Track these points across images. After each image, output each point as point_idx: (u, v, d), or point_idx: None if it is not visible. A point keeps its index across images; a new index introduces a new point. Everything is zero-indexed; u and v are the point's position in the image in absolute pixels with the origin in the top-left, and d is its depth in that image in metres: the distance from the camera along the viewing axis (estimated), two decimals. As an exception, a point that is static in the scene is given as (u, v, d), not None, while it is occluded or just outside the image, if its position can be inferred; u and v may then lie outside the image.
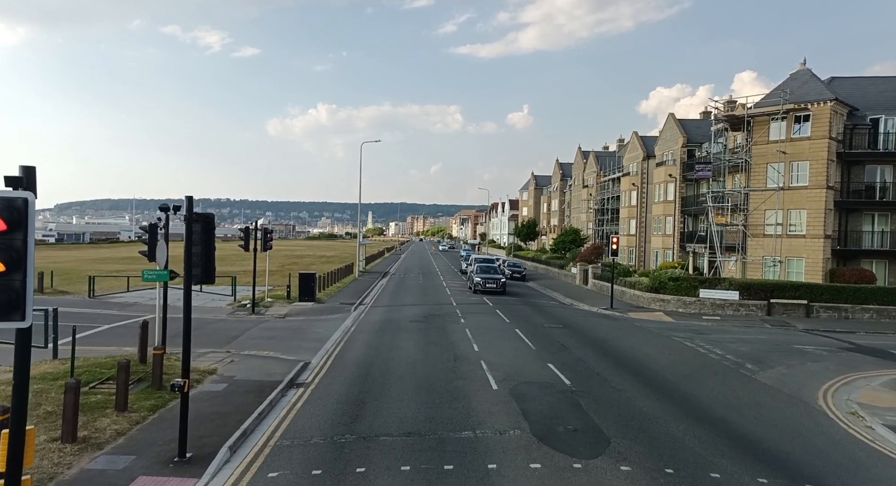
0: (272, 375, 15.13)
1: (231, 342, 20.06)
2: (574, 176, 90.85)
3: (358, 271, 52.07)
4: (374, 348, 19.41)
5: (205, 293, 31.76)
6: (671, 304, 31.38)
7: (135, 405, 11.69)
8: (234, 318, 26.10)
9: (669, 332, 24.13)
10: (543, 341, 20.71)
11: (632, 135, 63.68)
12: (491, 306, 31.65)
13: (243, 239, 27.34)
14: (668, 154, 53.73)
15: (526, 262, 68.92)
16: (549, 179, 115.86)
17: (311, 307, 29.66)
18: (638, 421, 11.87)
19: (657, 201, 54.49)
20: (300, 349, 19.20)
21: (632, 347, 20.39)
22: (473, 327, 23.75)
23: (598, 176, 77.21)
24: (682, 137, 50.69)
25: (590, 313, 31.11)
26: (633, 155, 63.25)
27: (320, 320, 25.98)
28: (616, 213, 68.98)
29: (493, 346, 19.69)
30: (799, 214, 35.97)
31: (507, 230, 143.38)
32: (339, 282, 44.13)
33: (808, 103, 35.12)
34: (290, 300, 31.25)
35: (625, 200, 63.78)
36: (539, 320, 26.16)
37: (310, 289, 31.18)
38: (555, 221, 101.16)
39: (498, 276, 39.33)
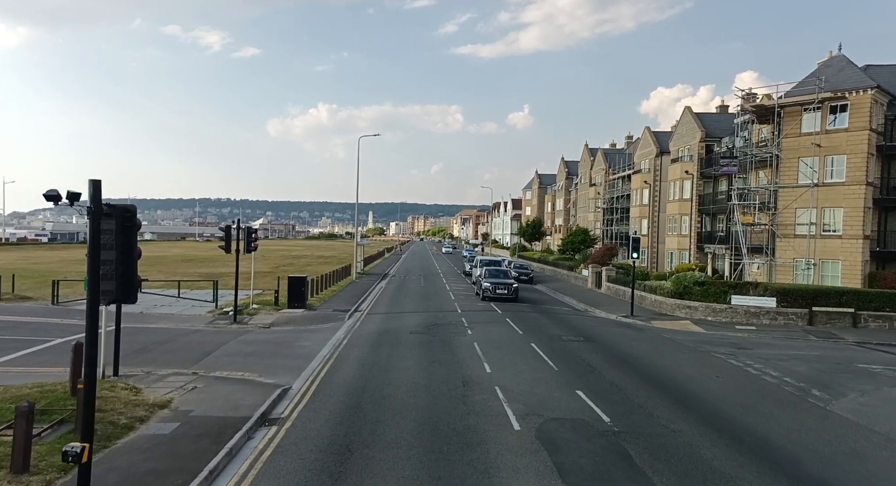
0: (240, 408, 12.21)
1: (201, 360, 17.15)
2: (580, 174, 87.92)
3: (355, 273, 49.19)
4: (367, 367, 16.49)
5: (184, 300, 28.83)
6: (699, 311, 28.42)
7: (41, 464, 8.73)
8: (211, 328, 23.18)
9: (705, 346, 21.18)
10: (566, 360, 17.77)
11: (644, 130, 60.76)
12: (500, 313, 28.72)
13: (223, 239, 24.36)
14: (683, 150, 50.78)
15: (532, 263, 65.98)
16: (554, 178, 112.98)
17: (301, 315, 26.74)
18: (714, 485, 8.94)
19: (672, 200, 51.55)
20: (281, 369, 16.30)
21: (669, 367, 17.45)
22: (482, 340, 20.82)
23: (607, 174, 74.26)
24: (699, 132, 47.73)
25: (609, 321, 28.17)
26: (644, 151, 60.31)
27: (309, 331, 23.07)
28: (626, 212, 66.05)
29: (508, 366, 16.77)
30: (834, 213, 33.03)
31: (510, 230, 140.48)
32: (335, 285, 41.21)
33: (845, 91, 32.17)
34: (278, 307, 28.34)
35: (636, 199, 60.85)
36: (555, 332, 23.21)
37: (300, 294, 28.27)
38: (559, 221, 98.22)
39: (509, 281, 35.32)
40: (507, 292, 33.59)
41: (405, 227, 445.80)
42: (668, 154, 55.72)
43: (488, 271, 36.70)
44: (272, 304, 28.74)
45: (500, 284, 34.07)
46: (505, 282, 34.60)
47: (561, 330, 23.77)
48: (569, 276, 51.09)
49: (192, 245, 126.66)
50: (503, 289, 33.78)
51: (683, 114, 50.83)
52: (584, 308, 33.29)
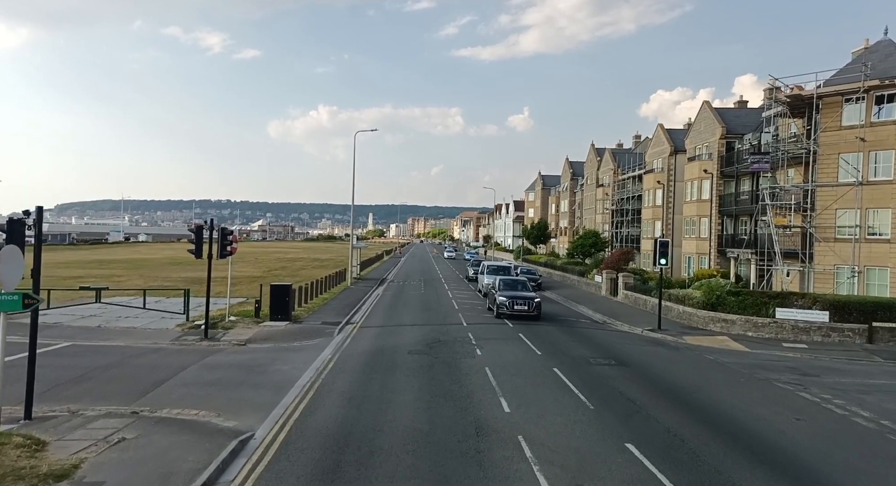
0: (172, 477, 8.87)
1: (150, 392, 13.82)
2: (586, 175, 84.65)
3: (351, 278, 45.86)
4: (355, 403, 13.16)
5: (153, 311, 25.44)
6: (737, 326, 25.06)
7: None
8: (176, 346, 19.84)
9: (761, 371, 17.83)
10: (601, 394, 14.41)
11: (656, 128, 57.49)
12: (511, 327, 25.37)
13: (194, 242, 20.99)
14: (701, 147, 47.52)
15: (538, 267, 62.62)
16: (557, 179, 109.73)
17: (284, 329, 23.39)
18: None
19: (689, 201, 48.24)
20: (247, 406, 12.99)
21: (731, 403, 14.07)
22: (495, 363, 17.47)
23: (616, 174, 70.97)
24: (720, 128, 44.46)
25: (635, 337, 24.84)
26: (657, 150, 57.04)
27: (291, 350, 19.74)
28: (636, 214, 62.72)
29: (531, 403, 13.42)
30: (880, 215, 29.73)
31: (513, 232, 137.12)
32: (328, 292, 37.86)
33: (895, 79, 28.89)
34: (259, 320, 24.98)
35: (648, 200, 57.56)
36: (579, 352, 19.85)
37: (284, 305, 24.92)
38: (564, 223, 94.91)
39: (529, 294, 29.21)
40: (527, 309, 27.65)
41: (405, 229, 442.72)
42: (683, 152, 52.44)
43: (503, 283, 30.65)
44: (252, 316, 25.38)
45: (518, 298, 28.18)
46: (524, 296, 28.69)
47: (585, 349, 20.41)
48: (579, 282, 47.74)
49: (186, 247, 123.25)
50: (522, 304, 27.88)
51: (701, 109, 47.56)
52: (602, 320, 29.95)
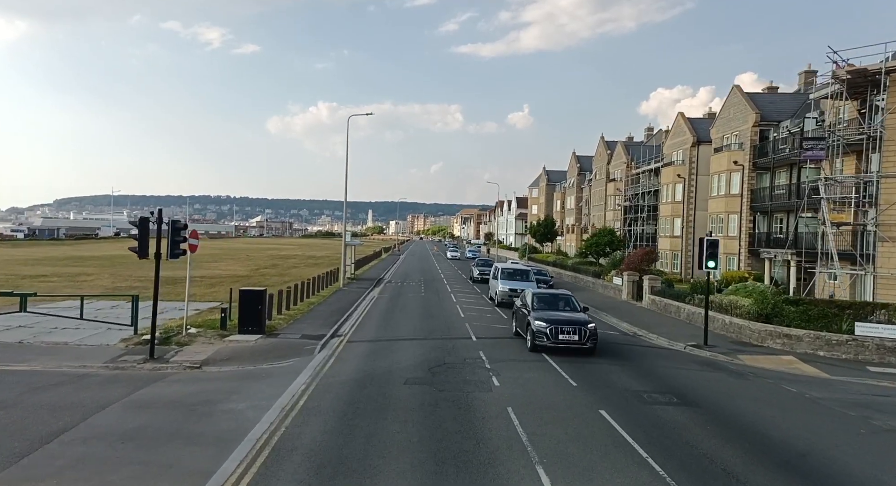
0: None
1: (27, 456, 9.57)
2: (595, 169, 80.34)
3: (344, 278, 41.56)
4: (325, 477, 8.91)
5: (95, 322, 20.99)
6: (804, 343, 20.74)
7: None
8: (109, 370, 15.59)
9: (872, 413, 13.47)
10: (678, 456, 10.10)
11: (676, 117, 53.20)
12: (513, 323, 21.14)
13: (137, 237, 16.64)
14: (730, 136, 43.22)
15: (547, 267, 58.32)
16: (563, 175, 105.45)
17: (254, 346, 19.12)
18: None
19: (715, 195, 43.99)
20: (165, 481, 8.74)
21: (875, 480, 9.76)
22: (519, 401, 13.17)
23: (629, 168, 66.68)
24: (753, 114, 40.15)
25: (681, 356, 20.56)
26: (677, 141, 52.74)
27: (256, 377, 15.49)
28: (652, 210, 58.45)
29: (583, 476, 9.16)
30: (957, 211, 25.50)
31: (515, 230, 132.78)
32: (316, 295, 33.58)
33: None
34: (226, 332, 20.69)
35: (666, 195, 53.26)
36: (624, 381, 15.54)
37: (255, 314, 20.63)
38: (570, 221, 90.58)
39: (579, 317, 19.62)
40: (578, 339, 18.24)
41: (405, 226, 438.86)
42: (707, 143, 48.19)
43: (538, 299, 20.98)
44: (217, 327, 21.06)
45: (563, 323, 18.52)
46: (571, 319, 19.01)
47: (629, 376, 16.11)
48: (595, 284, 43.45)
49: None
50: (571, 332, 18.25)
51: (731, 94, 43.23)
52: (632, 331, 25.68)
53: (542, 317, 19.19)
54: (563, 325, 18.50)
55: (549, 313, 19.77)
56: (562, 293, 22.54)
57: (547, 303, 20.96)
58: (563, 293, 22.54)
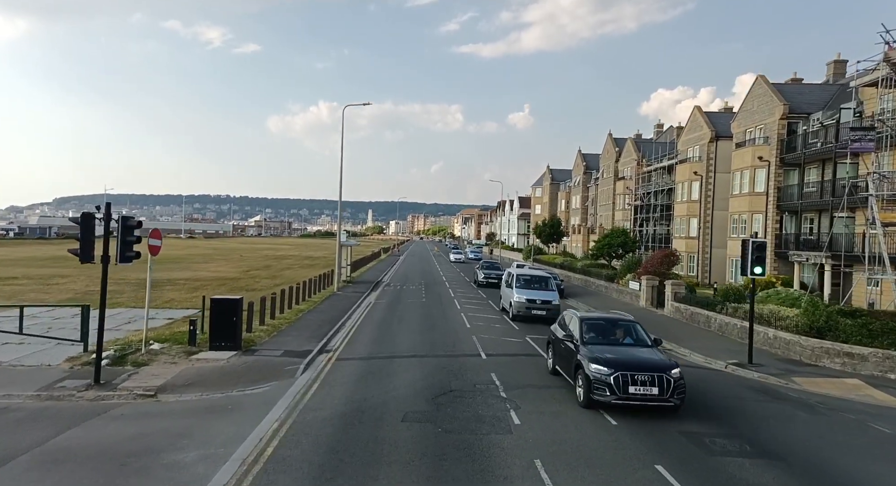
0: None
1: None
2: (602, 167, 77.46)
3: (339, 281, 38.63)
4: None
5: (40, 338, 18.03)
6: (870, 363, 17.83)
7: None
8: (41, 400, 12.71)
9: None
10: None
11: (692, 110, 50.27)
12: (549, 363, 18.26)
13: (79, 238, 13.71)
14: (754, 130, 40.31)
15: (554, 269, 55.38)
16: (568, 174, 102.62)
17: (225, 365, 16.20)
18: None
19: (737, 194, 41.08)
20: None
21: None
22: (550, 452, 10.23)
23: (639, 166, 63.77)
24: (780, 106, 37.22)
25: (728, 379, 17.64)
26: (693, 136, 49.85)
27: (218, 411, 12.58)
28: (665, 210, 55.57)
29: None
30: None
31: (517, 230, 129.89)
32: (307, 300, 30.69)
33: None
34: (196, 347, 17.77)
35: (681, 194, 50.37)
36: (677, 420, 12.53)
37: (229, 326, 17.71)
38: (576, 221, 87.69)
39: (656, 359, 13.30)
40: (658, 392, 12.33)
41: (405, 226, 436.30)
42: (726, 138, 45.33)
43: (590, 326, 14.75)
44: (185, 342, 18.14)
45: (635, 366, 12.69)
46: (645, 360, 13.15)
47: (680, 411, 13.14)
48: (608, 288, 40.52)
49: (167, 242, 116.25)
50: (647, 382, 12.38)
51: (755, 85, 40.31)
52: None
53: (600, 357, 12.87)
54: (634, 371, 12.34)
55: (607, 349, 13.49)
56: (621, 318, 15.63)
57: (601, 332, 14.53)
58: (622, 318, 15.64)
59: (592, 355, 13.16)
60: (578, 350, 13.75)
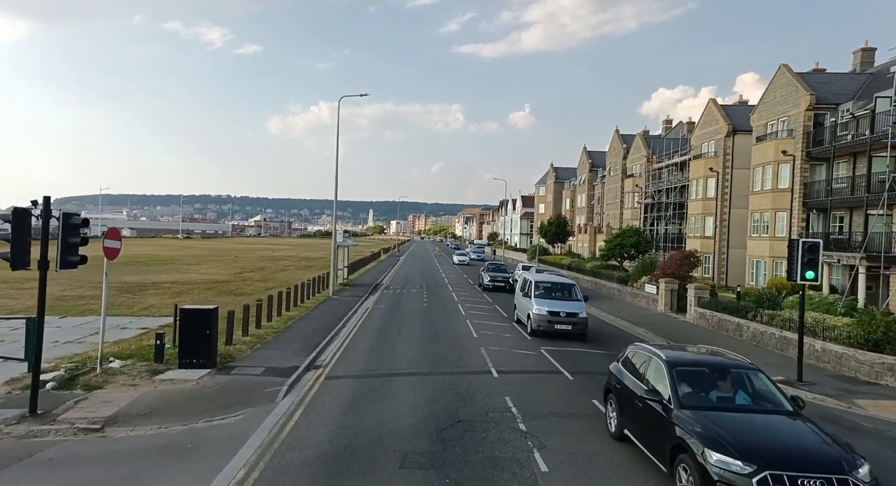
0: None
1: None
2: (609, 165, 75.06)
3: (335, 284, 36.27)
4: None
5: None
6: (944, 382, 15.47)
7: None
8: (-49, 442, 10.32)
9: None
10: None
11: (707, 104, 47.87)
12: (567, 376, 15.91)
13: (9, 240, 11.37)
14: (776, 123, 37.90)
15: (561, 270, 52.99)
16: (572, 172, 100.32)
17: (194, 388, 13.83)
18: None
19: (758, 190, 38.65)
20: None
21: None
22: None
23: (649, 162, 61.40)
24: (807, 96, 34.81)
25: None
26: (708, 130, 47.45)
27: (174, 452, 10.21)
28: (678, 208, 53.16)
29: None
30: None
31: (520, 230, 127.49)
32: (299, 306, 28.35)
33: None
34: (164, 364, 15.40)
35: (696, 191, 47.97)
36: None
37: (202, 340, 15.34)
38: (581, 220, 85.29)
39: (830, 453, 7.71)
40: None
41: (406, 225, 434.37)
42: (745, 132, 42.96)
43: (690, 377, 9.45)
44: (150, 358, 15.75)
45: (791, 457, 7.51)
46: (809, 453, 7.75)
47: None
48: (621, 292, 38.12)
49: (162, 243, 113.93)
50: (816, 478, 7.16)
51: (777, 75, 37.89)
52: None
53: (722, 438, 7.85)
54: (796, 472, 7.27)
55: (727, 420, 8.40)
56: (735, 364, 9.99)
57: (706, 386, 9.40)
58: (737, 364, 10.00)
59: (707, 433, 8.04)
60: (674, 418, 8.73)
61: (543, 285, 24.10)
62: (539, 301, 22.77)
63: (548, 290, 23.77)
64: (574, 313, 22.19)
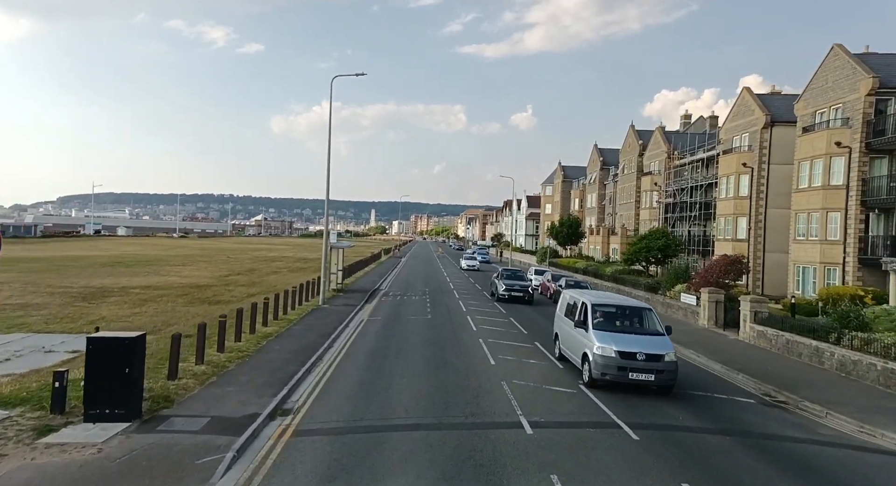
0: None
1: None
2: (623, 162, 70.63)
3: (326, 291, 31.83)
4: None
5: None
6: None
7: None
8: None
9: None
10: None
11: (741, 92, 43.40)
12: (632, 436, 11.49)
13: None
14: (828, 111, 33.45)
15: (576, 275, 48.55)
16: (581, 171, 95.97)
17: (88, 461, 9.38)
18: None
19: (805, 187, 34.20)
20: None
21: None
22: None
23: (670, 159, 57.00)
24: (867, 80, 30.41)
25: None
26: (741, 122, 43.00)
27: None
28: (704, 208, 48.77)
29: None
30: None
31: (526, 231, 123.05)
32: (281, 318, 23.96)
33: None
34: (64, 415, 10.99)
35: (726, 189, 43.47)
36: None
37: (120, 383, 10.93)
38: (591, 221, 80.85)
39: None
40: None
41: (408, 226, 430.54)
42: (785, 124, 38.58)
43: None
44: (46, 408, 11.32)
45: None
46: None
47: None
48: (650, 301, 33.65)
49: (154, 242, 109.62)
50: None
51: (830, 57, 33.45)
52: (764, 392, 16.00)
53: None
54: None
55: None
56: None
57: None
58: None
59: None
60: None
61: (604, 309, 16.60)
62: (601, 336, 15.30)
63: (610, 316, 16.48)
64: (658, 354, 14.74)
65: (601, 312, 16.44)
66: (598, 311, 16.42)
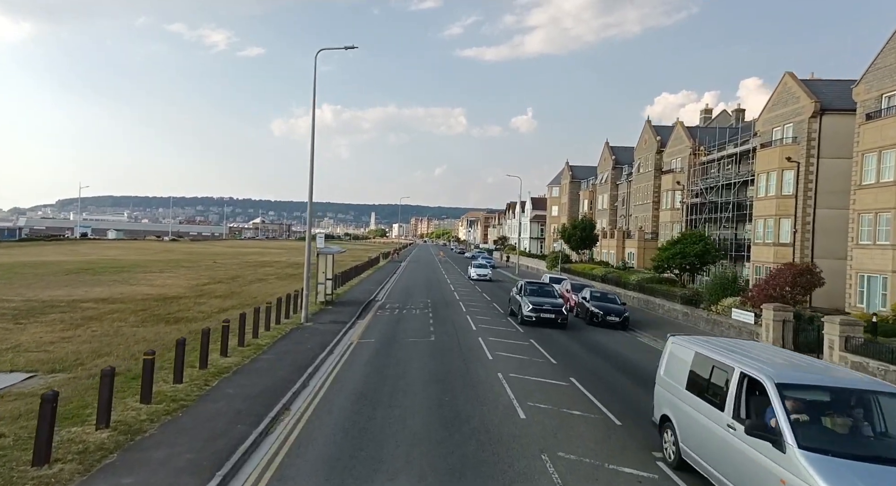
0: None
1: None
2: (638, 160, 65.89)
3: (311, 303, 26.95)
4: None
5: None
6: None
7: None
8: None
9: None
10: None
11: (782, 78, 38.58)
12: None
13: None
14: (896, 96, 28.73)
15: (593, 282, 43.72)
16: (590, 171, 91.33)
17: None
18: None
19: (870, 183, 29.43)
20: None
21: None
22: None
23: (694, 155, 52.27)
24: (952, 55, 25.55)
25: None
26: (783, 112, 38.21)
27: None
28: (738, 209, 44.06)
29: None
30: None
31: (531, 234, 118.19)
32: (249, 343, 19.10)
33: None
34: None
35: (766, 187, 38.64)
36: None
37: None
38: (603, 223, 76.08)
39: None
40: None
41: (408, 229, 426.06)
42: (837, 112, 33.95)
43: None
44: None
45: None
46: None
47: None
48: (689, 316, 28.95)
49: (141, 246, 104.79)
50: None
51: (898, 33, 28.68)
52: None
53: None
54: None
55: None
56: None
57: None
58: None
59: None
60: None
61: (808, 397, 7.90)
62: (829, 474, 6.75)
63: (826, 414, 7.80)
64: None
65: (807, 406, 7.73)
66: (802, 403, 7.70)
